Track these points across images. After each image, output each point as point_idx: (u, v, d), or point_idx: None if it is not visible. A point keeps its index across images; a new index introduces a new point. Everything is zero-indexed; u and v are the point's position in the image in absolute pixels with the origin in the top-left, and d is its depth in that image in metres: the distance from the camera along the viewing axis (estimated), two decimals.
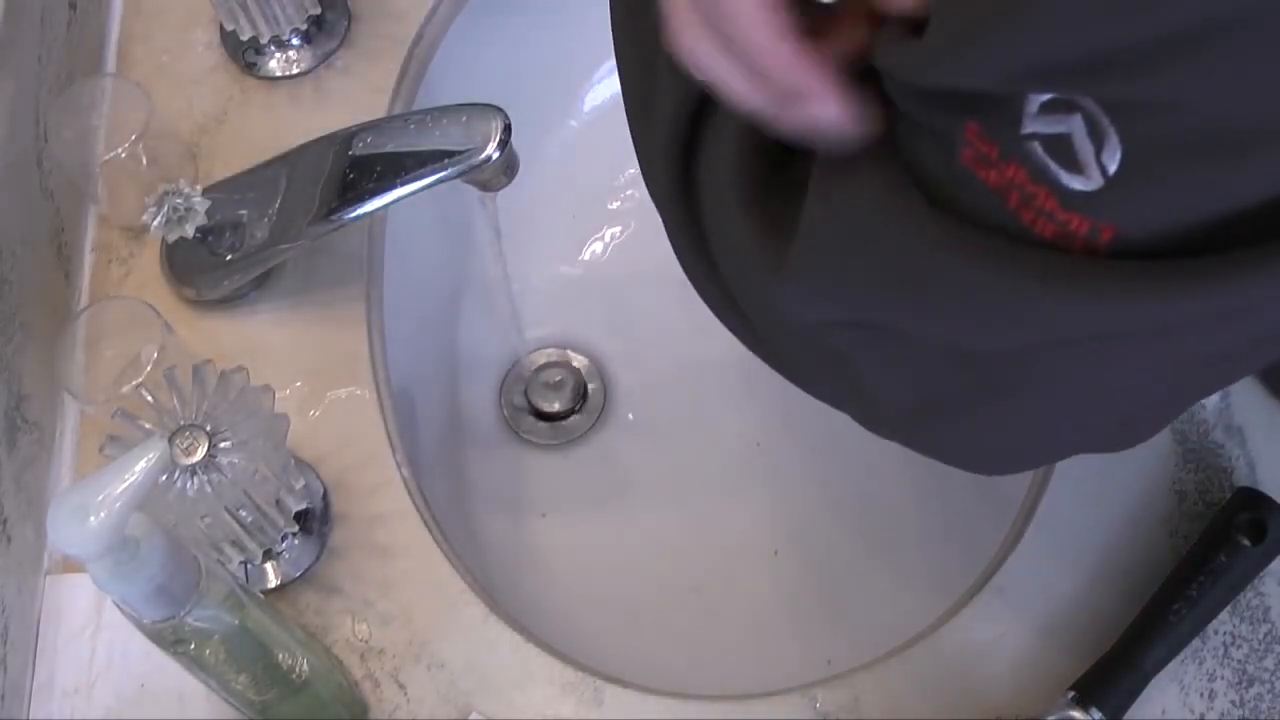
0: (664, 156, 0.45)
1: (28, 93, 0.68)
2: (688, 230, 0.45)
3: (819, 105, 0.36)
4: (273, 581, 0.62)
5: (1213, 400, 0.65)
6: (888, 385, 0.41)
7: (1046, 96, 0.30)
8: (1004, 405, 0.39)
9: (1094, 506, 0.63)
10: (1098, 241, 0.31)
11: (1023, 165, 0.31)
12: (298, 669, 0.54)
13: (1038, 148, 0.31)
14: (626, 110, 0.50)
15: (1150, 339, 0.34)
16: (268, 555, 0.62)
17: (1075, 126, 0.30)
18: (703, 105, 0.43)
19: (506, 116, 0.62)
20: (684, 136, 0.44)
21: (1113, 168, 0.30)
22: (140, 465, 0.41)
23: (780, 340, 0.44)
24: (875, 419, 0.44)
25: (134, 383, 0.60)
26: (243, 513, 0.57)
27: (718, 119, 0.43)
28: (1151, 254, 0.31)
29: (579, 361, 0.86)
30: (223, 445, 0.54)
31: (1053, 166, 0.31)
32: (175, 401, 0.55)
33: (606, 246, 0.90)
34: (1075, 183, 0.30)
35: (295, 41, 0.76)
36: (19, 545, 0.61)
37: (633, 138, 0.50)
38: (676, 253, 0.48)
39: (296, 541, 0.63)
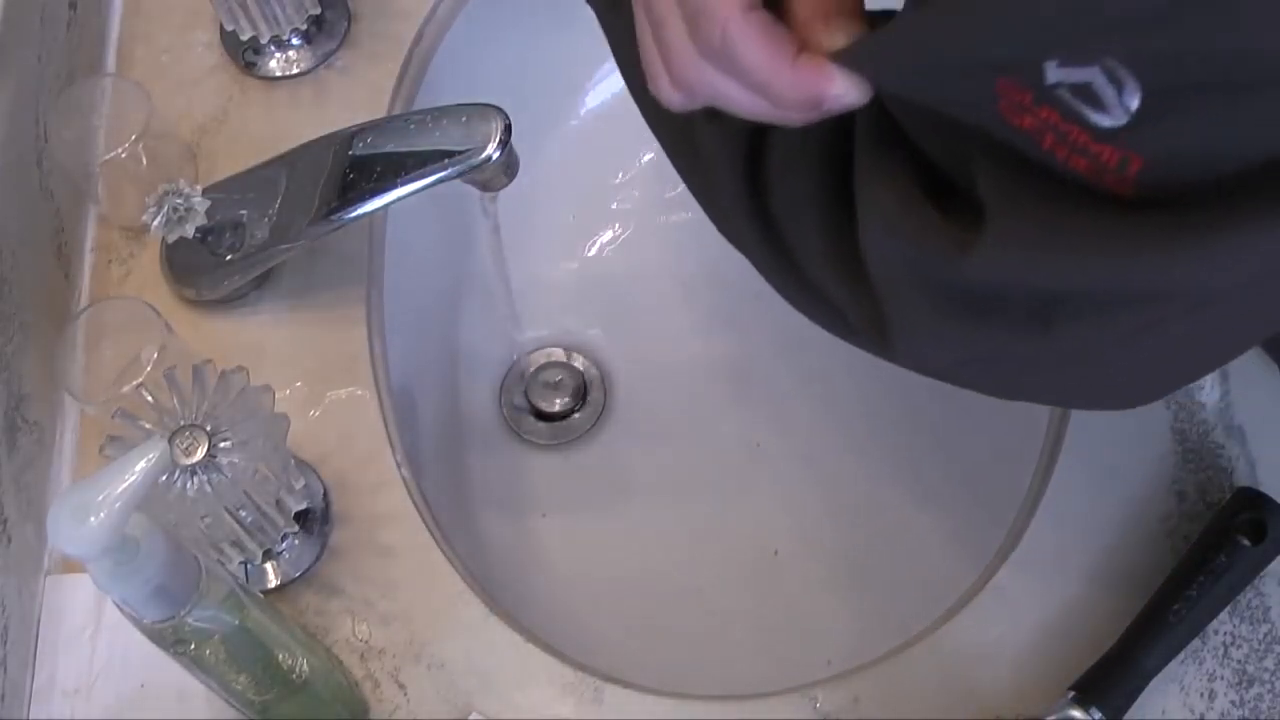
0: (736, 198, 0.47)
1: (28, 93, 0.68)
2: (769, 246, 0.48)
3: (834, 103, 0.38)
4: (273, 581, 0.62)
5: (1212, 400, 0.65)
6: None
7: (1060, 57, 0.32)
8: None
9: (1094, 506, 0.63)
10: (1127, 171, 0.33)
11: (1054, 108, 0.33)
12: (298, 669, 0.54)
13: (1065, 93, 0.33)
14: (678, 169, 0.52)
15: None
16: (268, 555, 0.62)
17: (1095, 76, 0.32)
18: (757, 134, 0.45)
19: (506, 116, 0.62)
20: (749, 169, 0.46)
21: (1134, 105, 0.32)
22: (140, 465, 0.41)
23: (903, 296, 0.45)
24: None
25: (134, 383, 0.60)
26: (243, 513, 0.57)
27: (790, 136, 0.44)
28: (1178, 188, 0.33)
29: (579, 361, 0.86)
30: (223, 445, 0.54)
31: (1081, 107, 0.33)
32: (175, 401, 0.55)
33: (606, 246, 0.90)
34: (1104, 120, 0.33)
35: (295, 41, 0.76)
36: (19, 545, 0.61)
37: (696, 196, 0.52)
38: (766, 272, 0.50)
39: (296, 541, 0.63)
